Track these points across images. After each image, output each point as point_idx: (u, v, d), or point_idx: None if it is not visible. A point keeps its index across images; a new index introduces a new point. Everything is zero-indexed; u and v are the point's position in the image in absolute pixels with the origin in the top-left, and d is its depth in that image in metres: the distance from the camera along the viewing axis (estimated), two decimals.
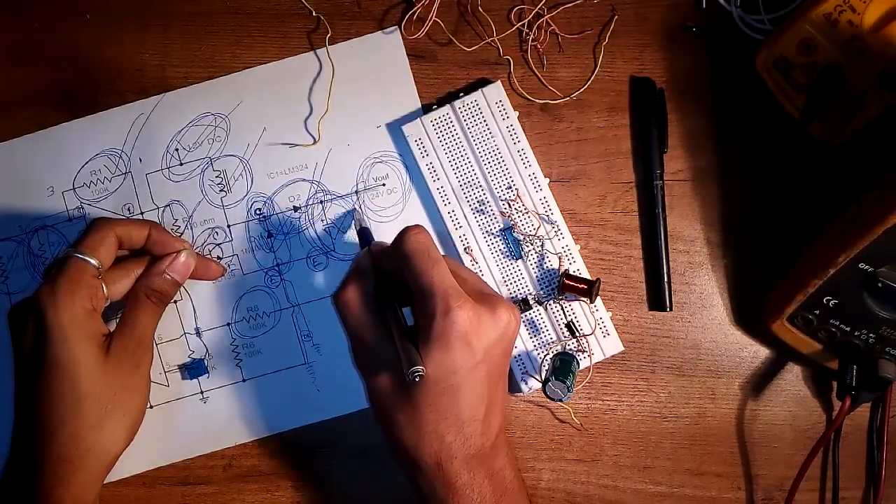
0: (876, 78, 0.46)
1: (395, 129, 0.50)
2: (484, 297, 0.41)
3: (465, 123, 0.50)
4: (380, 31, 0.51)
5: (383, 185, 0.51)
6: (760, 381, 0.51)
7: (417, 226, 0.41)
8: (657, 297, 0.51)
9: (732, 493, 0.51)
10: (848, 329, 0.46)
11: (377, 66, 0.51)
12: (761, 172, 0.51)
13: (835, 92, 0.47)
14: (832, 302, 0.45)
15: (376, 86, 0.51)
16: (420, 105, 0.51)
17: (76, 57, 0.51)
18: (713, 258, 0.51)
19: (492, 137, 0.50)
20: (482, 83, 0.50)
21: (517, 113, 0.50)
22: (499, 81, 0.50)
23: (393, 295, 0.42)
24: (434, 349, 0.39)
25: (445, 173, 0.50)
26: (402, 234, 0.41)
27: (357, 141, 0.51)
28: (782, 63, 0.48)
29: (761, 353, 0.51)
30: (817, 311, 0.46)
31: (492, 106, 0.49)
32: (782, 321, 0.47)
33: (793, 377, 0.51)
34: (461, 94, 0.50)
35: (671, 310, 0.50)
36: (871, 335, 0.46)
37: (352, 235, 0.50)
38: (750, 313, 0.51)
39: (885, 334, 0.45)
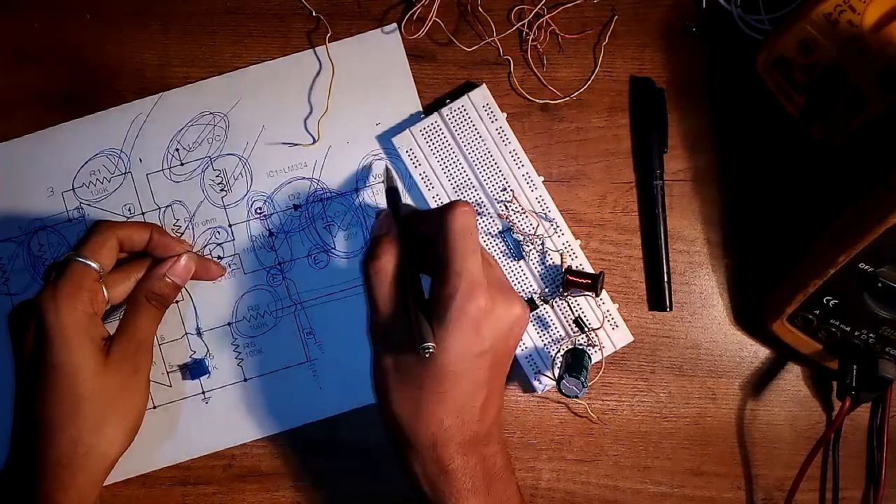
0: (876, 78, 0.46)
1: (384, 138, 0.50)
2: (503, 289, 0.42)
3: (454, 130, 0.49)
4: (378, 29, 0.51)
5: (383, 182, 0.51)
6: (760, 381, 0.51)
7: (467, 204, 0.41)
8: (657, 297, 0.51)
9: (732, 493, 0.51)
10: (848, 329, 0.46)
11: (376, 63, 0.51)
12: (761, 172, 0.51)
13: (835, 92, 0.47)
14: (832, 302, 0.45)
15: (375, 83, 0.51)
16: (419, 102, 0.51)
17: (76, 57, 0.51)
18: (713, 258, 0.51)
19: (482, 141, 0.50)
20: (468, 87, 0.50)
21: (505, 114, 0.50)
22: (484, 85, 0.50)
23: (416, 265, 0.43)
24: (447, 331, 0.39)
25: (439, 181, 0.50)
26: (451, 210, 0.41)
27: (356, 138, 0.51)
28: (782, 63, 0.48)
29: (761, 353, 0.51)
30: (817, 311, 0.46)
31: (479, 110, 0.49)
32: (782, 321, 0.47)
33: (793, 377, 0.51)
34: (447, 100, 0.50)
35: (671, 310, 0.50)
36: (870, 335, 0.46)
37: (376, 195, 0.50)
38: (750, 313, 0.51)
39: (885, 334, 0.45)
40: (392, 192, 0.48)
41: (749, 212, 0.51)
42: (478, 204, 0.50)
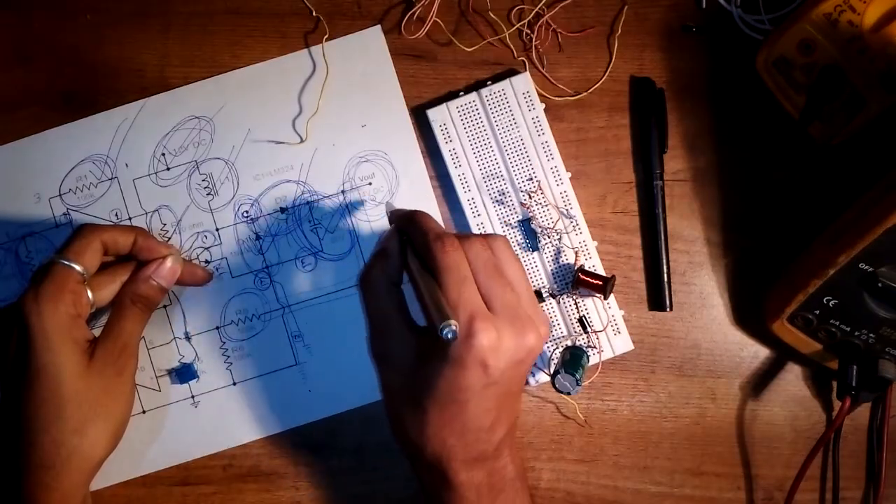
0: (876, 78, 0.46)
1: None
2: (515, 318, 0.39)
3: (490, 112, 0.50)
4: (361, 31, 0.51)
5: (369, 184, 0.51)
6: (760, 381, 0.51)
7: (452, 241, 0.40)
8: (657, 297, 0.51)
9: (732, 493, 0.51)
10: (848, 329, 0.46)
11: (360, 64, 0.51)
12: (761, 172, 0.51)
13: (835, 92, 0.47)
14: (832, 302, 0.45)
15: (360, 84, 0.51)
16: (404, 101, 0.51)
17: (76, 57, 0.51)
18: (713, 258, 0.51)
19: (516, 128, 0.49)
20: (510, 73, 0.50)
21: (543, 105, 0.50)
22: (527, 72, 0.50)
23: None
24: (448, 367, 0.38)
25: (468, 160, 0.50)
26: (440, 248, 0.39)
27: (342, 140, 0.51)
28: (782, 63, 0.48)
29: (761, 353, 0.51)
30: (817, 311, 0.46)
31: (518, 96, 0.49)
32: (782, 321, 0.47)
33: (793, 377, 0.51)
34: (489, 82, 0.50)
35: (671, 310, 0.50)
36: (871, 335, 0.46)
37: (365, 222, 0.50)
38: (750, 313, 0.51)
39: (885, 334, 0.45)
40: (393, 216, 0.46)
41: (749, 212, 0.51)
42: (501, 191, 0.50)
